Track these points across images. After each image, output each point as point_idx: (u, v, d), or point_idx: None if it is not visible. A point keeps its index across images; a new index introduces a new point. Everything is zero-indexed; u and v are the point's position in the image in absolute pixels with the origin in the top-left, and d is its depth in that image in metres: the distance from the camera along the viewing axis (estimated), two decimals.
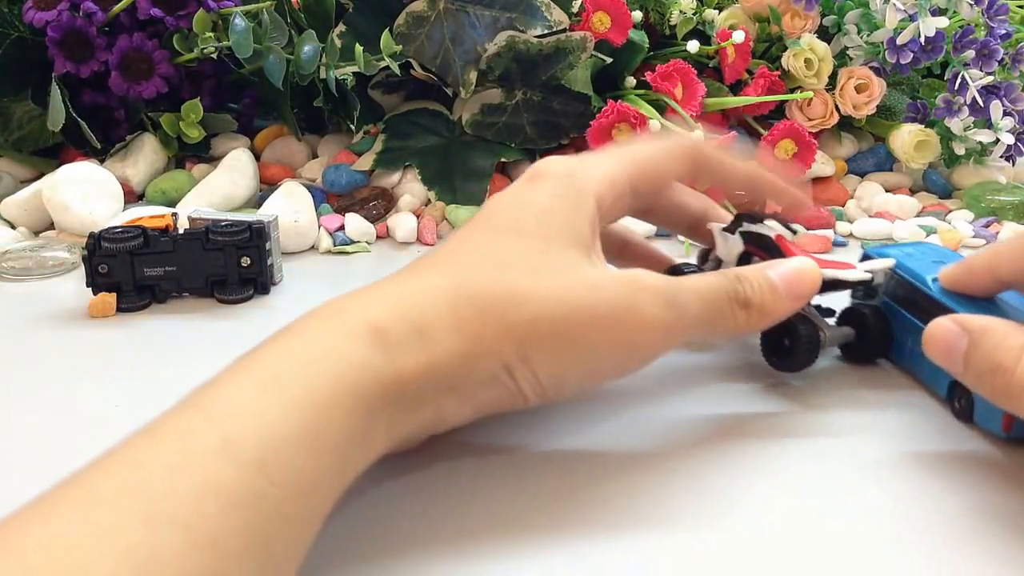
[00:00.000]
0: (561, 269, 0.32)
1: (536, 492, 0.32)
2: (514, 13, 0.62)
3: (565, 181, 0.34)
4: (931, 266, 0.38)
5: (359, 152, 0.65)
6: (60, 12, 0.60)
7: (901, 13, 0.64)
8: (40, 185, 0.57)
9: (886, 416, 0.37)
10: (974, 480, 0.32)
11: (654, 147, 0.38)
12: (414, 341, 0.28)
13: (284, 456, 0.24)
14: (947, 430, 0.36)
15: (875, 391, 0.39)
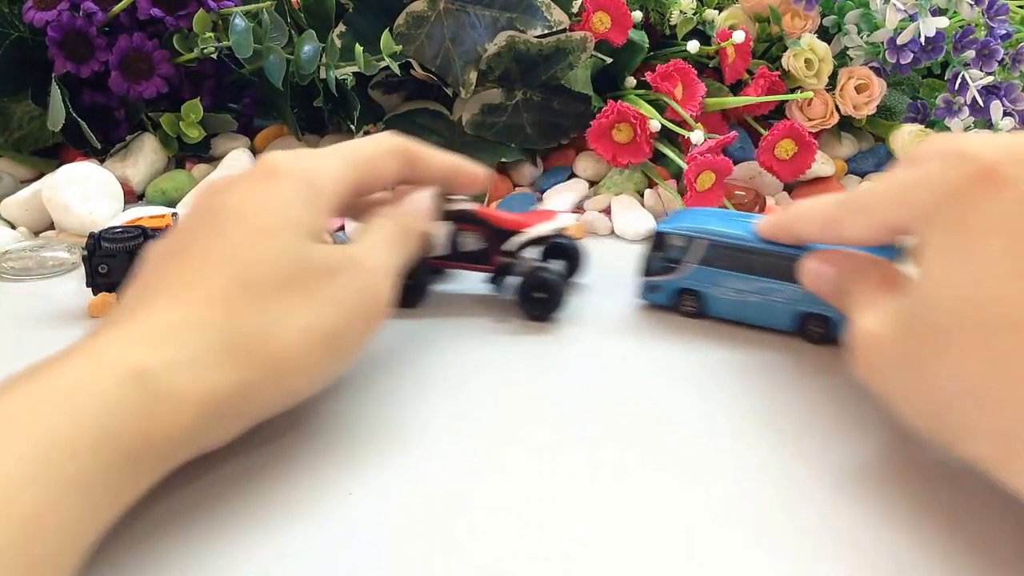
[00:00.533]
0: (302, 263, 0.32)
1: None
2: (514, 13, 0.62)
3: (304, 182, 0.35)
4: (734, 224, 0.42)
5: None
6: (60, 12, 0.60)
7: (901, 13, 0.64)
8: (40, 185, 0.57)
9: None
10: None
11: (373, 148, 0.38)
12: (184, 382, 0.28)
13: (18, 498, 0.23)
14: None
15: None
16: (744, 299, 0.42)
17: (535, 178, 0.65)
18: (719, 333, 0.43)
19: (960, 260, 0.28)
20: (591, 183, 0.65)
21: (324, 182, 0.35)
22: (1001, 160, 0.29)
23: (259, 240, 0.32)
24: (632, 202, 0.62)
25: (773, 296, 0.41)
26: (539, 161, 0.66)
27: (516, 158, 0.64)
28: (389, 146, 0.39)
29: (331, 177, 0.36)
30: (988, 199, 0.28)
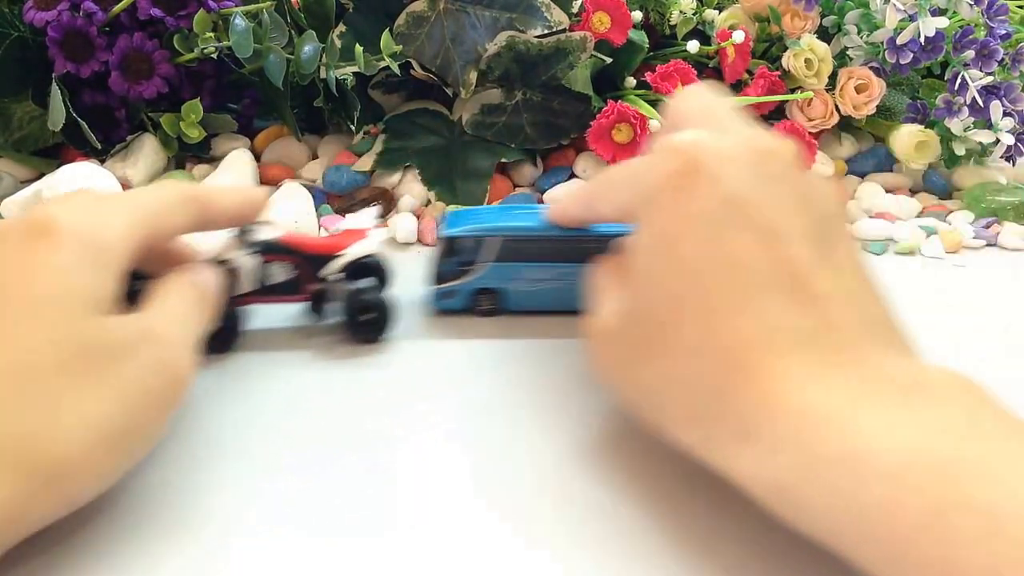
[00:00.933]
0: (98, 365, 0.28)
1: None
2: (514, 13, 0.62)
3: (87, 241, 0.30)
4: (521, 217, 0.43)
5: (359, 153, 0.65)
6: (60, 12, 0.60)
7: (901, 13, 0.64)
8: (40, 185, 0.57)
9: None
10: None
11: (161, 198, 0.35)
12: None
13: None
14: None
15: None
16: (543, 287, 0.43)
17: (535, 178, 0.65)
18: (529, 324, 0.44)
19: (662, 255, 0.29)
20: None
21: (111, 240, 0.31)
22: (704, 156, 0.30)
23: (32, 318, 0.27)
24: None
25: (571, 279, 0.42)
26: (539, 161, 0.66)
27: (516, 158, 0.64)
28: (178, 195, 0.35)
29: (118, 234, 0.31)
30: (687, 193, 0.29)
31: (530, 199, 0.62)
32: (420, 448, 0.34)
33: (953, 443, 0.24)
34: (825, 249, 0.29)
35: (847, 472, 0.24)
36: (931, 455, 0.23)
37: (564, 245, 0.42)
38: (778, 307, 0.27)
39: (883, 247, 0.59)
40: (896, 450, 0.24)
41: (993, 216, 0.62)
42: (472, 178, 0.62)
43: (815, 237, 0.29)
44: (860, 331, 0.28)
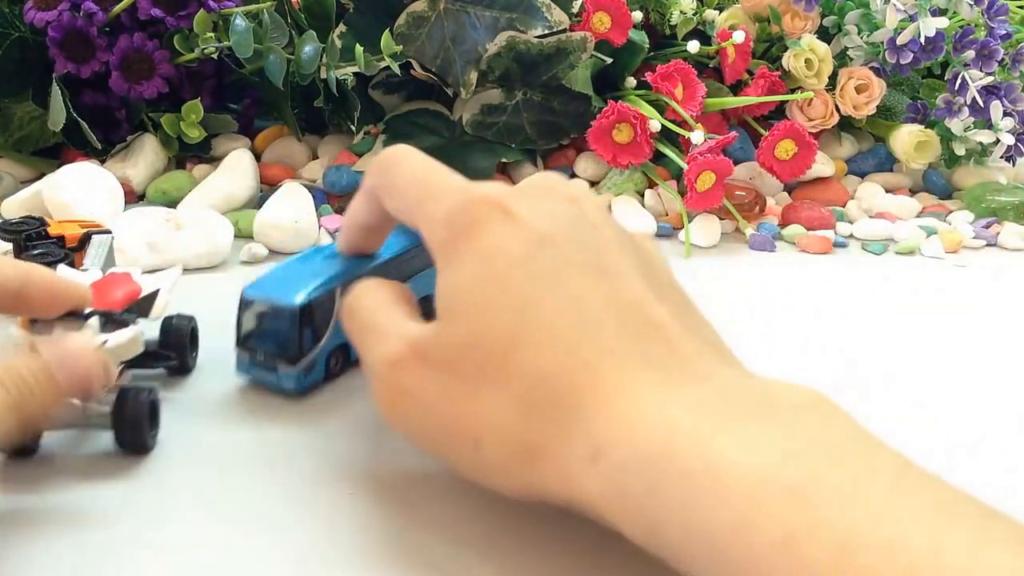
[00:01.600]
0: None
1: None
2: (514, 13, 0.62)
3: None
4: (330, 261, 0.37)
5: (360, 153, 0.65)
6: (61, 12, 0.60)
7: (901, 13, 0.64)
8: (41, 185, 0.57)
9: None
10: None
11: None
12: None
13: None
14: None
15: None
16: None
17: None
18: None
19: (491, 289, 0.28)
20: (591, 183, 0.65)
21: None
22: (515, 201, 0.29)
23: None
24: (632, 202, 0.62)
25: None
26: (539, 161, 0.66)
27: (516, 158, 0.64)
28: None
29: None
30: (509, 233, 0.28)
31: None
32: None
33: (807, 464, 0.22)
34: (653, 283, 0.29)
35: (700, 490, 0.23)
36: (785, 475, 0.22)
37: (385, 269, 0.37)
38: (620, 334, 0.27)
39: (883, 247, 0.59)
40: (750, 469, 0.22)
41: (993, 216, 0.62)
42: (472, 178, 0.61)
43: (643, 273, 0.29)
44: (701, 352, 0.27)
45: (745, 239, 0.59)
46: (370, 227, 0.36)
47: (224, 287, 0.52)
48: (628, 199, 0.62)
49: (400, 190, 0.32)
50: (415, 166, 0.33)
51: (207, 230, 0.53)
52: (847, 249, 0.59)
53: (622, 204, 0.61)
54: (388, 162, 0.33)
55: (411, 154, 0.33)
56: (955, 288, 0.54)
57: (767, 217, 0.62)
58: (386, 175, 0.33)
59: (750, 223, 0.60)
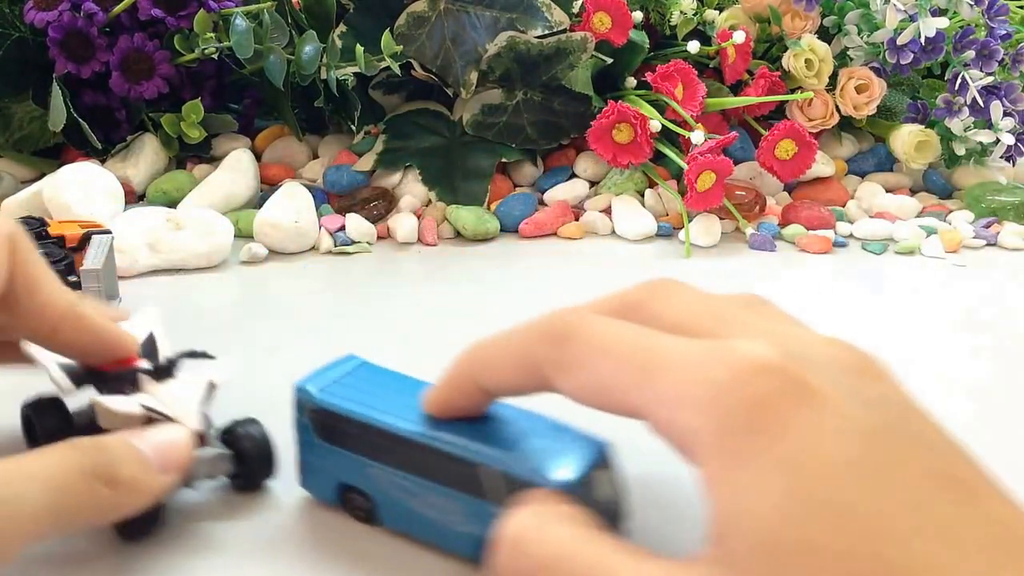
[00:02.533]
0: None
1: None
2: (515, 13, 0.62)
3: None
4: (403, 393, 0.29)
5: (360, 152, 0.65)
6: (61, 13, 0.60)
7: (901, 13, 0.64)
8: (41, 185, 0.57)
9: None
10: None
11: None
12: None
13: None
14: None
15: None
16: (418, 510, 0.28)
17: (535, 178, 0.65)
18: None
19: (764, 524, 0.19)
20: (591, 183, 0.65)
21: None
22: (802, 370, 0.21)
23: None
24: (633, 202, 0.62)
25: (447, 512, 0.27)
26: (539, 161, 0.66)
27: (516, 158, 0.64)
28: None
29: None
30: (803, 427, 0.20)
31: (532, 199, 0.62)
32: None
33: None
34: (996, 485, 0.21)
35: None
36: None
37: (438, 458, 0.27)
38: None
39: (883, 247, 0.59)
40: None
41: (993, 216, 0.62)
42: (473, 178, 0.62)
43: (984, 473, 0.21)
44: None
45: (745, 239, 0.59)
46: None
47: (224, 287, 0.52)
48: (628, 199, 0.62)
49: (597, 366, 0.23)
50: (611, 332, 0.24)
51: (207, 230, 0.54)
52: (847, 249, 0.59)
53: (622, 204, 0.61)
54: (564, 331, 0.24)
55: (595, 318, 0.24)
56: (955, 288, 0.54)
57: (767, 217, 0.62)
58: (565, 347, 0.24)
59: (750, 223, 0.60)
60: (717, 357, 0.21)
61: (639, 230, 0.59)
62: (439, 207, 0.60)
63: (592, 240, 0.60)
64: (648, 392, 0.22)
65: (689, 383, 0.21)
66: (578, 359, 0.23)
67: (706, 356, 0.21)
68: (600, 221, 0.61)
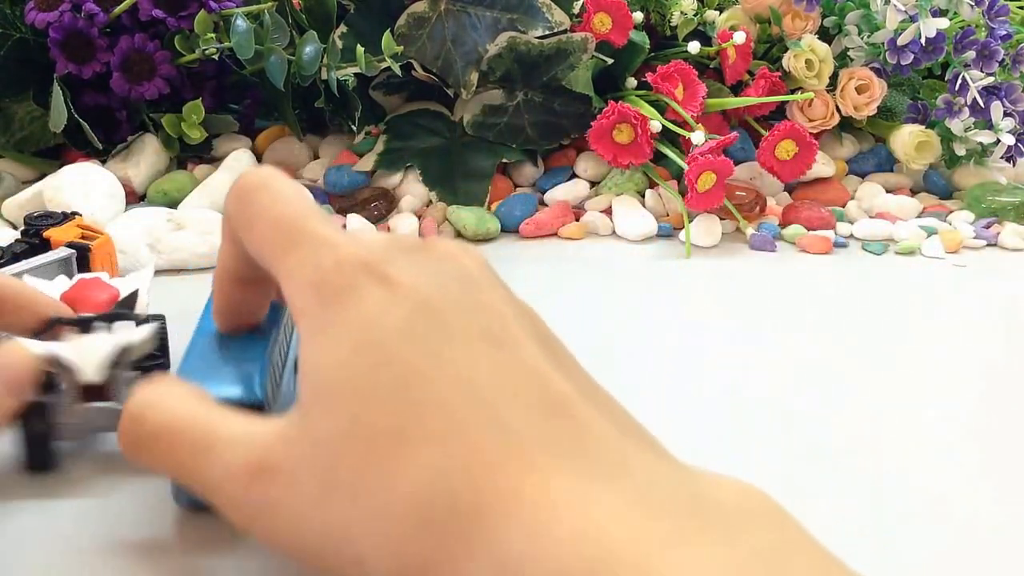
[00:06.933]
0: None
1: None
2: (515, 14, 0.62)
3: None
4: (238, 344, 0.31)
5: (360, 153, 0.65)
6: (62, 13, 0.60)
7: (902, 14, 0.64)
8: (42, 186, 0.57)
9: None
10: None
11: None
12: None
13: None
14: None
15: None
16: None
17: (536, 178, 0.65)
18: None
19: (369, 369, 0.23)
20: (592, 183, 0.65)
21: None
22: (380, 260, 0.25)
23: None
24: (633, 203, 0.62)
25: None
26: (540, 162, 0.66)
27: (517, 159, 0.64)
28: None
29: None
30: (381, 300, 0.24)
31: (532, 199, 0.62)
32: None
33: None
34: (550, 352, 0.25)
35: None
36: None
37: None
38: (525, 417, 0.22)
39: (883, 247, 0.59)
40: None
41: (993, 216, 0.62)
42: (473, 178, 0.62)
43: (539, 339, 0.25)
44: (618, 435, 0.23)
45: (746, 239, 0.59)
46: (245, 279, 0.30)
47: None
48: (629, 199, 0.62)
49: (259, 228, 0.27)
50: (279, 198, 0.27)
51: (208, 230, 0.54)
52: (847, 249, 0.59)
53: (623, 204, 0.61)
54: (246, 189, 0.27)
55: (275, 181, 0.27)
56: (955, 288, 0.54)
57: (767, 217, 0.62)
58: (244, 205, 0.27)
59: (750, 223, 0.60)
60: (332, 246, 0.25)
61: (640, 230, 0.59)
62: (440, 207, 0.60)
63: (593, 240, 0.60)
64: (282, 263, 0.26)
65: (306, 264, 0.25)
66: (251, 219, 0.27)
67: (327, 244, 0.25)
68: (601, 221, 0.61)
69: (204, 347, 0.31)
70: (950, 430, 0.37)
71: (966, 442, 0.36)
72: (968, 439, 0.37)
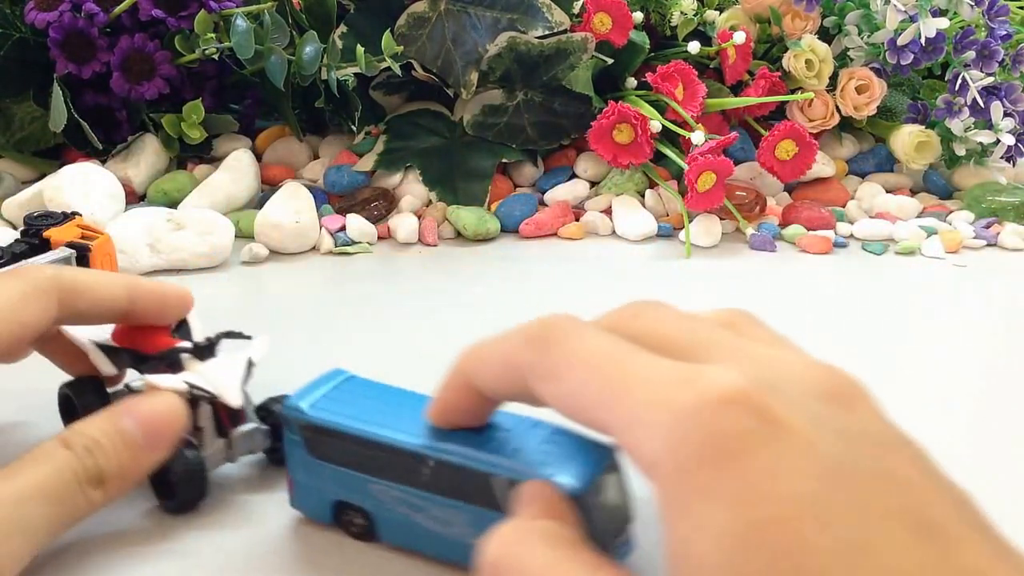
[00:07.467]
0: None
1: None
2: (515, 14, 0.62)
3: None
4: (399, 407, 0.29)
5: (360, 153, 0.65)
6: (62, 13, 0.60)
7: (902, 14, 0.64)
8: (42, 186, 0.57)
9: None
10: None
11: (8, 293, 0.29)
12: None
13: None
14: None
15: None
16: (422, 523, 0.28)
17: (536, 178, 0.65)
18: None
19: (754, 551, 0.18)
20: (592, 183, 0.65)
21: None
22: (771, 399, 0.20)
23: None
24: (633, 202, 0.62)
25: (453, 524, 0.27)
26: (540, 161, 0.66)
27: (517, 159, 0.64)
28: (32, 285, 0.29)
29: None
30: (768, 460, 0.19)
31: (532, 199, 0.62)
32: None
33: None
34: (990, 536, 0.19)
35: None
36: None
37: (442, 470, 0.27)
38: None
39: (883, 247, 0.59)
40: None
41: (993, 216, 0.62)
42: (473, 178, 0.62)
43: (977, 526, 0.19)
44: None
45: (746, 239, 0.59)
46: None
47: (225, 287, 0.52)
48: (629, 199, 0.62)
49: (571, 378, 0.23)
50: (590, 345, 0.23)
51: (208, 230, 0.54)
52: (847, 249, 0.59)
53: (623, 204, 0.61)
54: (547, 338, 0.24)
55: (580, 328, 0.24)
56: (955, 288, 0.54)
57: (767, 217, 0.62)
58: (545, 354, 0.24)
59: (750, 223, 0.60)
60: (684, 381, 0.21)
61: (639, 230, 0.59)
62: (440, 207, 0.60)
63: (592, 240, 0.60)
64: (615, 410, 0.21)
65: (654, 406, 0.20)
66: (556, 367, 0.23)
67: (674, 380, 0.21)
68: (600, 221, 0.61)
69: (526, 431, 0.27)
70: (950, 430, 0.37)
71: (966, 441, 0.36)
72: (968, 438, 0.37)
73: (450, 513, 0.27)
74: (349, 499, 0.29)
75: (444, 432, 0.27)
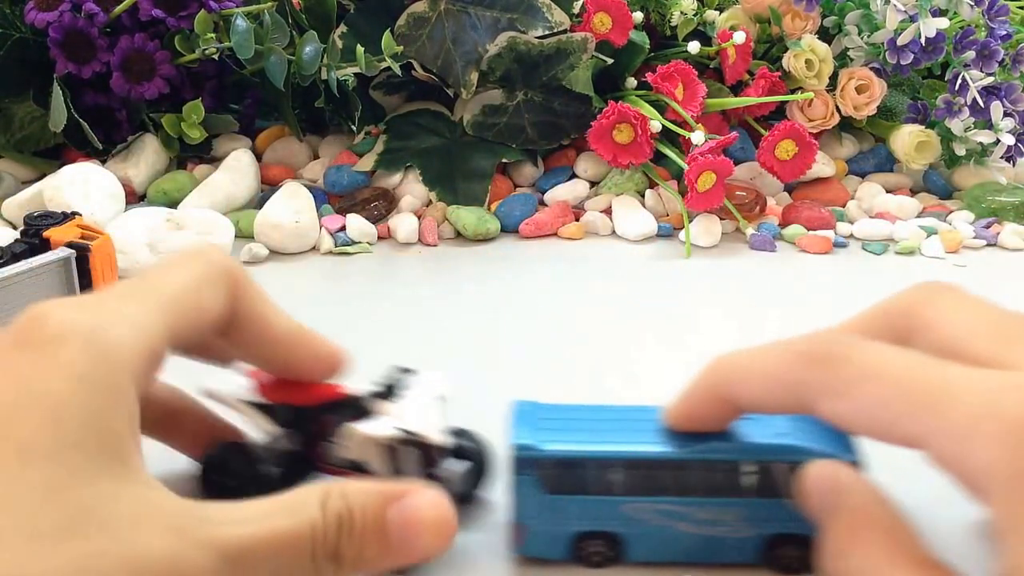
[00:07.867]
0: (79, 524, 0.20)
1: None
2: (515, 14, 0.62)
3: (89, 351, 0.22)
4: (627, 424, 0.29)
5: (360, 153, 0.65)
6: (62, 13, 0.60)
7: (902, 14, 0.64)
8: (42, 186, 0.57)
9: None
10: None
11: (186, 277, 0.26)
12: None
13: None
14: None
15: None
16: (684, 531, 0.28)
17: (536, 178, 0.65)
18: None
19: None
20: (592, 183, 0.65)
21: (122, 347, 0.23)
22: None
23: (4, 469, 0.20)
24: (633, 202, 0.62)
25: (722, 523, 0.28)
26: (540, 161, 0.66)
27: (517, 158, 0.64)
28: (208, 271, 0.27)
29: (131, 338, 0.23)
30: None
31: (532, 199, 0.62)
32: None
33: None
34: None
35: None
36: None
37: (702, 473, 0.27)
38: None
39: (883, 247, 0.59)
40: None
41: (993, 216, 0.62)
42: (473, 178, 0.62)
43: None
44: None
45: (745, 239, 0.59)
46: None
47: None
48: (629, 199, 0.62)
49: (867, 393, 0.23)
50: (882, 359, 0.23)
51: (208, 230, 0.54)
52: (847, 249, 0.59)
53: (623, 204, 0.61)
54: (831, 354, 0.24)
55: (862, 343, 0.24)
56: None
57: (767, 217, 0.62)
58: (831, 372, 0.24)
59: (750, 223, 0.60)
60: (1015, 388, 0.20)
61: (639, 230, 0.59)
62: (439, 207, 0.60)
63: (592, 240, 0.60)
64: (931, 423, 0.21)
65: (980, 417, 0.20)
66: (849, 385, 0.23)
67: (999, 388, 0.20)
68: (600, 221, 0.61)
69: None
70: None
71: None
72: None
73: (719, 512, 0.27)
74: (594, 528, 0.28)
75: (691, 436, 0.28)
